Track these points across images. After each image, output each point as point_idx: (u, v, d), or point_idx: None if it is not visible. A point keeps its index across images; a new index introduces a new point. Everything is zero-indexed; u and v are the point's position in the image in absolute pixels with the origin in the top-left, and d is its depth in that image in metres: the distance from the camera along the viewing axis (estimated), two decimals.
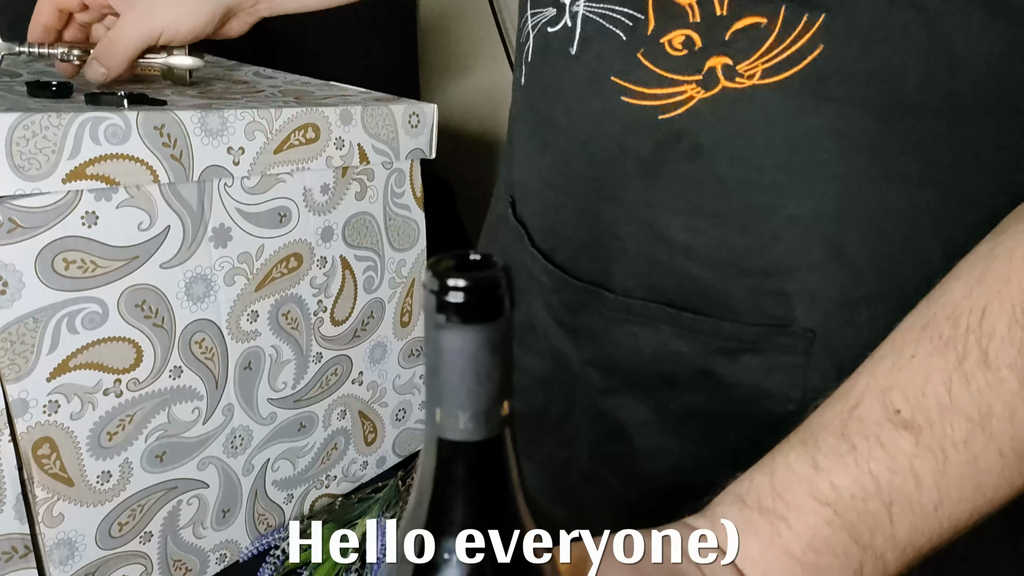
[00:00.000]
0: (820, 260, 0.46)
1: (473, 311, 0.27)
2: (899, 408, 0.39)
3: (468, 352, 0.28)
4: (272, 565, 0.68)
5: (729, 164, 0.46)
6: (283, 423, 0.71)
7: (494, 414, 0.29)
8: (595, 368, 0.56)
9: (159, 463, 0.63)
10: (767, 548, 0.39)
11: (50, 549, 0.58)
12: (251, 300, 0.65)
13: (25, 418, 0.54)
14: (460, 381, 0.28)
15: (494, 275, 0.27)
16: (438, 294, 0.27)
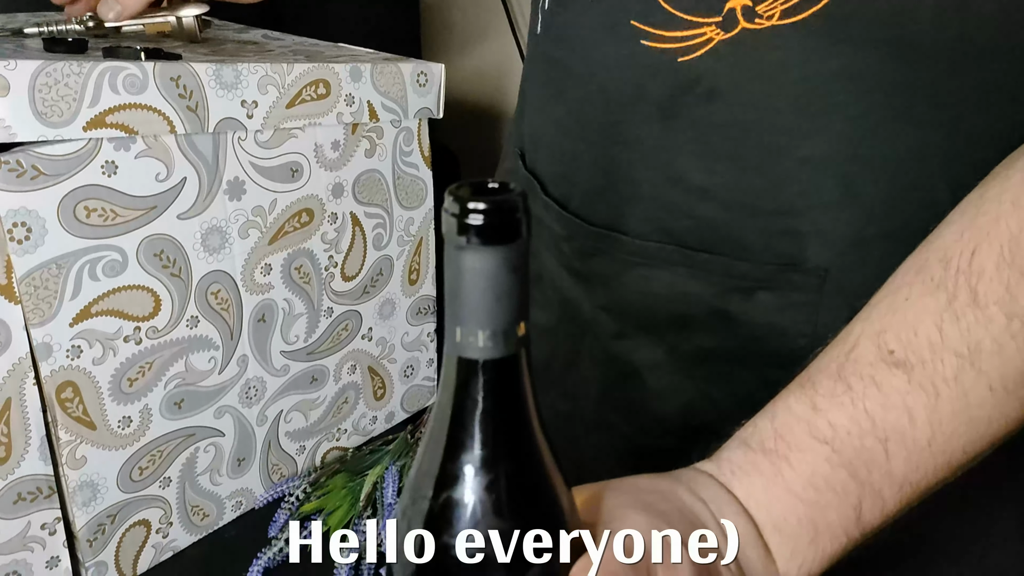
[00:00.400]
0: (832, 200, 0.47)
1: (493, 232, 0.29)
2: (892, 348, 0.40)
3: (488, 272, 0.29)
4: (287, 511, 0.70)
5: (745, 107, 0.47)
6: (296, 375, 0.72)
7: (512, 333, 0.31)
8: (607, 313, 0.57)
9: (177, 410, 0.64)
10: (770, 487, 0.40)
11: (73, 491, 0.60)
12: (264, 253, 0.66)
13: (49, 362, 0.56)
14: (480, 300, 0.30)
15: (512, 198, 0.29)
16: (459, 217, 0.29)
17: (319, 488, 0.73)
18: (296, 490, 0.72)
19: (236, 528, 0.72)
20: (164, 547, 0.67)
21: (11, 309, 0.53)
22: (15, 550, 0.58)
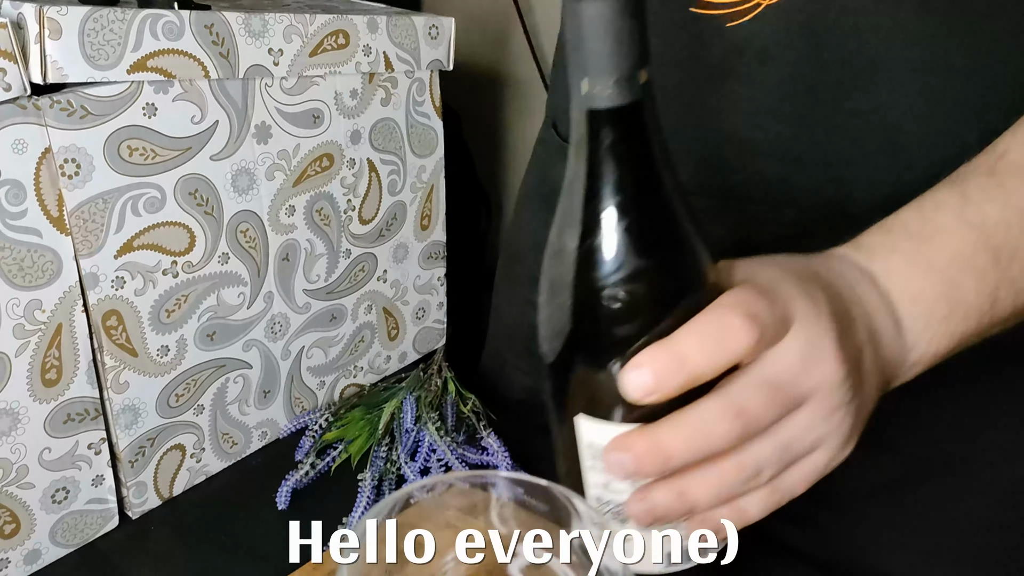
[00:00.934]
0: (876, 148, 0.50)
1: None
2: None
3: (607, 18, 0.31)
4: (311, 438, 0.75)
5: (794, 65, 0.50)
6: (316, 313, 0.77)
7: (636, 78, 0.32)
8: None
9: (210, 342, 0.69)
10: (909, 263, 0.41)
11: (117, 414, 0.64)
12: (289, 195, 0.71)
13: (96, 291, 0.60)
14: (603, 48, 0.32)
15: None
16: None
17: (339, 420, 0.78)
18: (318, 420, 0.76)
19: (262, 456, 0.76)
20: (197, 471, 0.72)
21: (62, 240, 0.58)
22: (64, 467, 0.62)
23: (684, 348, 0.33)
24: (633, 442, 0.34)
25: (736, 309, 0.34)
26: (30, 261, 0.56)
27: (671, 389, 0.33)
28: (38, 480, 0.61)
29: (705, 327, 0.34)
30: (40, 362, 0.59)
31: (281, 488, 0.70)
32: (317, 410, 0.79)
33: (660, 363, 0.33)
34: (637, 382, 0.33)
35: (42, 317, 0.58)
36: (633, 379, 0.33)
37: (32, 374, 0.58)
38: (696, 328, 0.34)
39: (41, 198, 0.56)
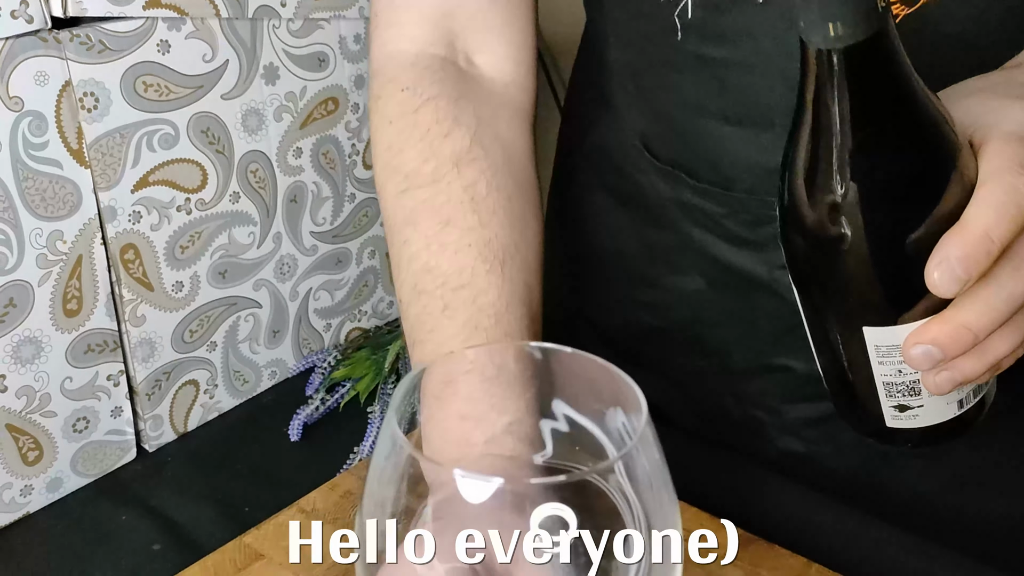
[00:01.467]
0: None
1: None
2: None
3: None
4: (320, 376, 0.77)
5: (930, 68, 0.55)
6: (323, 256, 0.79)
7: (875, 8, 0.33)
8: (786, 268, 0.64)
9: (222, 279, 0.71)
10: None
11: (134, 346, 0.66)
12: (296, 137, 0.73)
13: (114, 224, 0.62)
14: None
15: None
16: None
17: (346, 359, 0.80)
18: (326, 359, 0.79)
19: (273, 394, 0.79)
20: (210, 407, 0.74)
21: (82, 173, 0.59)
22: (85, 397, 0.64)
23: (985, 225, 0.34)
24: (935, 333, 0.36)
25: (1013, 169, 0.35)
26: (52, 192, 0.58)
27: (982, 269, 0.34)
28: (60, 409, 0.63)
29: (996, 197, 0.35)
30: (62, 292, 0.61)
31: (293, 421, 0.72)
32: (324, 351, 0.82)
33: (968, 247, 0.34)
34: (949, 275, 0.34)
35: (63, 248, 0.60)
36: (944, 272, 0.34)
37: (55, 304, 0.60)
38: (987, 200, 0.35)
39: (62, 130, 0.58)
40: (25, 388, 0.61)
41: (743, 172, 0.64)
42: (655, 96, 0.68)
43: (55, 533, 0.63)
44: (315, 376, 0.77)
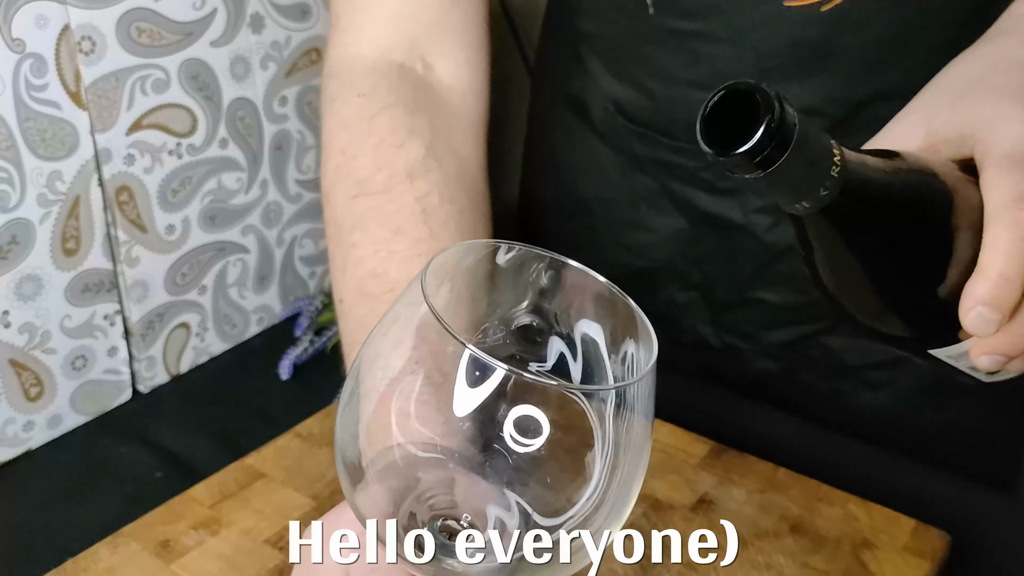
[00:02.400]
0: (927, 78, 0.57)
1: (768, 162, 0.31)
2: None
3: (799, 166, 0.32)
4: (308, 319, 0.80)
5: (889, 26, 0.58)
6: (307, 204, 0.81)
7: (836, 165, 0.33)
8: (764, 212, 0.68)
9: (211, 224, 0.73)
10: None
11: (129, 287, 0.69)
12: (281, 86, 0.75)
13: (109, 166, 0.64)
14: (808, 182, 0.33)
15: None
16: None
17: (331, 305, 0.83)
18: (312, 303, 0.81)
19: (261, 339, 0.81)
20: (201, 350, 0.76)
21: (79, 114, 0.61)
22: (83, 336, 0.67)
23: (999, 269, 0.36)
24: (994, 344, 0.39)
25: (1012, 204, 0.37)
26: (51, 133, 0.60)
27: (1011, 306, 0.37)
28: (60, 346, 0.65)
29: (1002, 240, 0.37)
30: (61, 231, 0.63)
31: (283, 360, 0.75)
32: (309, 297, 0.84)
33: (989, 294, 0.36)
34: (980, 320, 0.37)
35: (62, 188, 0.62)
36: (975, 319, 0.37)
37: (54, 243, 0.63)
38: (995, 246, 0.37)
39: (61, 72, 0.60)
40: (27, 324, 0.63)
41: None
42: (629, 66, 0.71)
43: (57, 466, 0.65)
44: (302, 319, 0.80)
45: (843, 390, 0.74)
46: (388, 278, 0.55)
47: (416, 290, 0.33)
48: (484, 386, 0.31)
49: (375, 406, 0.34)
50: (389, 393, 0.34)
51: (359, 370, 0.35)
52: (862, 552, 0.53)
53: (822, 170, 0.33)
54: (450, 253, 0.36)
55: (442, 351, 0.33)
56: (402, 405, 0.34)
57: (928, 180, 0.38)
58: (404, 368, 0.34)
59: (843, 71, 0.62)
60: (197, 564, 0.52)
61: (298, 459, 0.60)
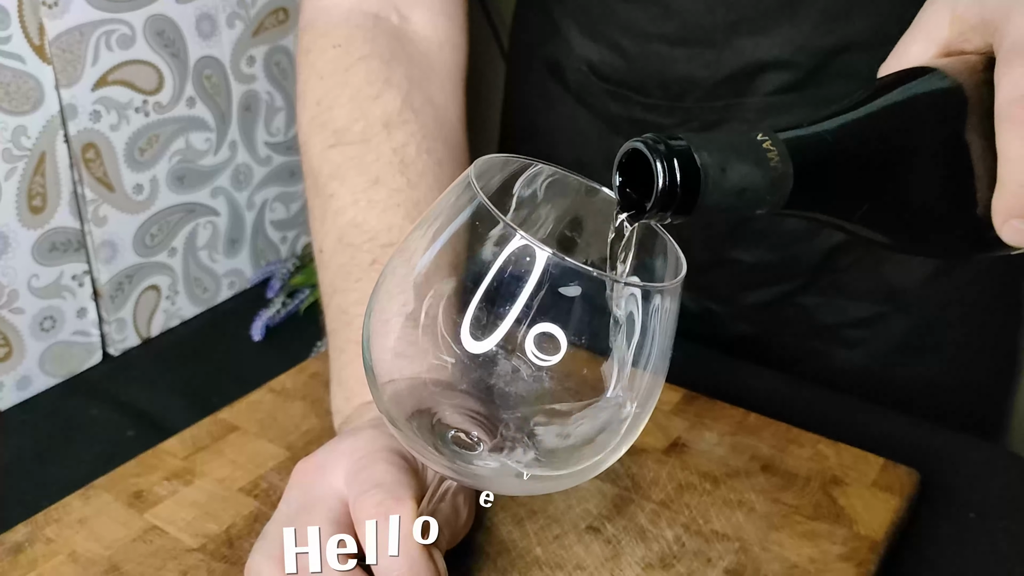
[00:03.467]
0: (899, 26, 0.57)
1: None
2: None
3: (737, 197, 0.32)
4: (280, 280, 0.79)
5: None
6: (278, 167, 0.81)
7: (778, 169, 0.32)
8: None
9: (180, 184, 0.73)
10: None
11: (97, 247, 0.68)
12: (248, 45, 0.74)
13: (75, 122, 0.64)
14: (753, 200, 0.32)
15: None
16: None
17: (305, 267, 0.82)
18: (285, 266, 0.81)
19: (233, 303, 0.81)
20: (172, 314, 0.76)
21: (44, 69, 0.61)
22: (51, 296, 0.66)
23: (1018, 180, 0.33)
24: None
25: (1016, 107, 0.34)
26: (15, 87, 0.59)
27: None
28: (28, 306, 0.65)
29: (1015, 148, 0.33)
30: (27, 188, 0.62)
31: (255, 322, 0.75)
32: (280, 260, 0.84)
33: (1016, 206, 0.33)
34: (1015, 233, 0.34)
35: (28, 144, 0.61)
36: (1011, 232, 0.34)
37: (20, 200, 0.62)
38: (1008, 155, 0.33)
39: (24, 25, 0.59)
40: None
41: (690, 86, 0.68)
42: (601, 26, 0.72)
43: (27, 428, 0.65)
44: (274, 282, 0.79)
45: (819, 349, 0.75)
46: (368, 227, 0.55)
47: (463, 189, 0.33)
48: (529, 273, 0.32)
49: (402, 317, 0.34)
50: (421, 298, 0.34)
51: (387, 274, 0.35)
52: (832, 488, 0.54)
53: (761, 173, 0.32)
54: (491, 161, 0.36)
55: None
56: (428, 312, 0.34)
57: (924, 103, 0.35)
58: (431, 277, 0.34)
59: (811, 20, 0.62)
60: (171, 512, 0.51)
61: (272, 412, 0.60)
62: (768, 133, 0.33)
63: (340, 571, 0.38)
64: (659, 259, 0.38)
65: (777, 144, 0.32)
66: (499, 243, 0.32)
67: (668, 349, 0.36)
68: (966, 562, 0.53)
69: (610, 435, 0.35)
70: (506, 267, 0.32)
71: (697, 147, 0.31)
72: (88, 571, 0.47)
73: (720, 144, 0.32)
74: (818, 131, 0.34)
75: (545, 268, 0.32)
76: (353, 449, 0.43)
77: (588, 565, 0.48)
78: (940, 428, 0.64)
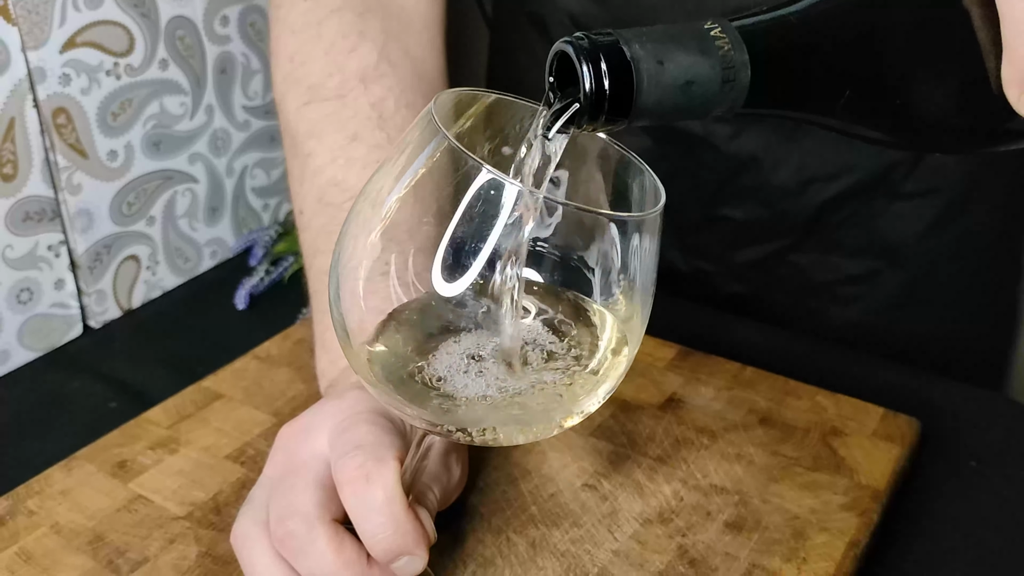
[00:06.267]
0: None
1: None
2: None
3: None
4: (263, 248, 0.78)
5: None
6: (257, 132, 0.79)
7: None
8: (723, 122, 0.67)
9: (156, 151, 0.71)
10: None
11: (73, 216, 0.66)
12: (222, 4, 0.72)
13: (44, 87, 0.61)
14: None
15: None
16: None
17: (287, 234, 0.81)
18: (266, 234, 0.79)
19: (215, 273, 0.79)
20: (153, 285, 0.74)
21: (9, 30, 0.58)
22: (27, 267, 0.64)
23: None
24: None
25: None
26: None
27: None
28: (3, 278, 0.63)
29: (1017, 10, 0.30)
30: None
31: (239, 291, 0.73)
32: (263, 228, 0.82)
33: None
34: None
35: None
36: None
37: None
38: (1011, 16, 0.30)
39: None
40: None
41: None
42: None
43: (8, 402, 0.63)
44: (257, 250, 0.78)
45: (814, 308, 0.74)
46: (348, 186, 0.53)
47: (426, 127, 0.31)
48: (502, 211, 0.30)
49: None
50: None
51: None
52: (831, 439, 0.53)
53: (708, 63, 0.28)
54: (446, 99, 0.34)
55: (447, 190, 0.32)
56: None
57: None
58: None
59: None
60: (156, 482, 0.50)
61: (257, 379, 0.58)
62: (718, 20, 0.29)
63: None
64: (636, 192, 0.36)
65: (728, 31, 0.29)
66: (466, 179, 0.30)
67: (651, 284, 0.34)
68: (968, 509, 0.52)
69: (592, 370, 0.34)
70: (475, 204, 0.30)
71: (627, 40, 0.28)
72: (72, 542, 0.46)
73: (657, 35, 0.28)
74: (780, 13, 0.30)
75: (516, 202, 0.30)
76: (337, 411, 0.42)
77: (585, 522, 0.47)
78: (939, 378, 0.63)
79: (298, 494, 0.39)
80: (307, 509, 0.38)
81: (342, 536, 0.38)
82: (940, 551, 0.49)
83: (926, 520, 0.51)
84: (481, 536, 0.46)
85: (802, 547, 0.45)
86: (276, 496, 0.40)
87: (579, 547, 0.46)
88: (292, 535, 0.38)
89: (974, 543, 0.50)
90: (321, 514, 0.38)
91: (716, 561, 0.45)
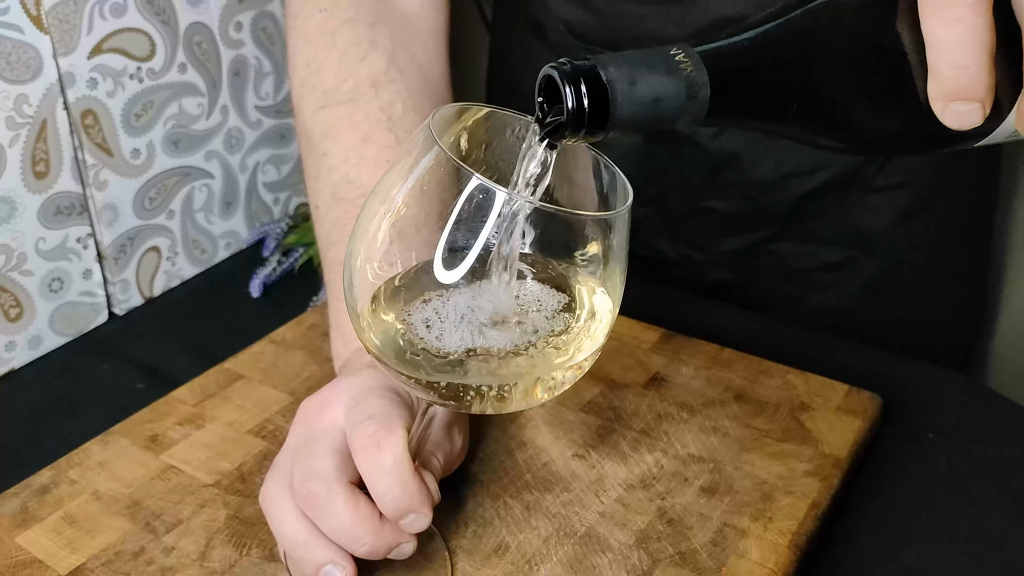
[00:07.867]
0: None
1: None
2: None
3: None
4: (274, 239, 0.82)
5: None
6: (268, 130, 0.84)
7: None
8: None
9: (175, 149, 0.75)
10: None
11: (99, 210, 0.71)
12: (236, 11, 0.77)
13: (73, 90, 0.66)
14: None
15: None
16: None
17: (298, 227, 0.86)
18: (279, 226, 0.84)
19: (230, 263, 0.84)
20: (173, 274, 0.79)
21: (42, 38, 0.63)
22: (58, 259, 0.69)
23: (948, 62, 0.32)
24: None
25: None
26: (16, 56, 0.62)
27: (977, 91, 0.33)
28: (36, 268, 0.68)
29: (938, 33, 0.33)
30: (31, 154, 0.65)
31: (253, 280, 0.78)
32: (274, 221, 0.87)
33: (951, 91, 0.33)
34: (955, 117, 0.33)
35: (29, 111, 0.64)
36: (951, 117, 0.33)
37: (25, 165, 0.65)
38: (933, 39, 0.33)
39: None
40: (3, 247, 0.65)
41: (659, 43, 0.71)
42: None
43: (41, 384, 0.68)
44: (269, 241, 0.82)
45: (794, 293, 0.79)
46: (360, 183, 0.58)
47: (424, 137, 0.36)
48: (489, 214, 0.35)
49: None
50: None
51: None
52: (799, 413, 0.58)
53: (674, 82, 0.33)
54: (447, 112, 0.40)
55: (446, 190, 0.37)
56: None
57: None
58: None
59: None
60: (185, 453, 0.55)
61: (274, 361, 0.63)
62: (683, 47, 0.35)
63: None
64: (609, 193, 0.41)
65: (691, 55, 0.34)
66: (462, 183, 0.36)
67: (624, 256, 0.39)
68: (923, 477, 0.57)
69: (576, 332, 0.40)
70: (468, 206, 0.35)
71: (603, 64, 0.33)
72: (111, 507, 0.51)
73: (629, 59, 0.33)
74: (735, 39, 0.35)
75: (503, 204, 0.35)
76: (351, 386, 0.47)
77: (574, 487, 0.52)
78: (903, 358, 0.68)
79: (318, 460, 0.44)
80: (326, 472, 0.43)
81: (357, 496, 0.43)
82: (895, 513, 0.54)
83: (885, 486, 0.56)
84: (481, 500, 0.51)
85: (769, 508, 0.50)
86: (299, 462, 0.45)
87: (569, 509, 0.51)
88: (314, 495, 0.43)
89: (927, 506, 0.55)
90: (339, 477, 0.43)
91: (692, 520, 0.50)
